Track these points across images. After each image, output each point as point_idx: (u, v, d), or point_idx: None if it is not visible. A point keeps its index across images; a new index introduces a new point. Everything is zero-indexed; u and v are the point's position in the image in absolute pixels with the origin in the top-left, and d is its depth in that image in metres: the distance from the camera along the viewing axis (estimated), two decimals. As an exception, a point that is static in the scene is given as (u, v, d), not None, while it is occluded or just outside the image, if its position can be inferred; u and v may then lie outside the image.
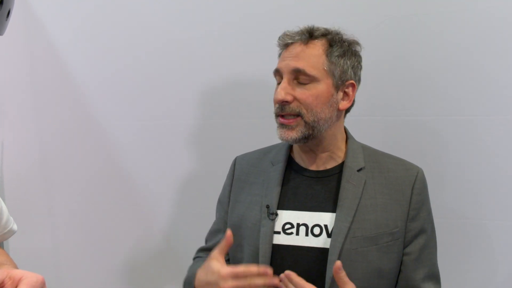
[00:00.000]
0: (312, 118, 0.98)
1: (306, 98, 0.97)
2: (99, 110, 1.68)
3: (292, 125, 0.98)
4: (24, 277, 0.55)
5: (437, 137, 1.36)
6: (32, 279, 0.55)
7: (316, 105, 0.97)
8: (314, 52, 0.99)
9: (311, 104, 0.97)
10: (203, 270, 0.95)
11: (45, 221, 1.81)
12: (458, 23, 1.30)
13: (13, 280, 0.55)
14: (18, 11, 1.65)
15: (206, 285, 0.93)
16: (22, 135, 1.78)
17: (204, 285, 0.94)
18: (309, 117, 0.98)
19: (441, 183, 1.36)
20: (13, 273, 0.55)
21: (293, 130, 0.98)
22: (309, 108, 0.97)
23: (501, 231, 1.33)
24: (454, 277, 1.35)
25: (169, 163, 1.63)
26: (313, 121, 0.98)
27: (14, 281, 0.55)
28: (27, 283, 0.55)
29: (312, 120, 0.98)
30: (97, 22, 1.62)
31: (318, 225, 1.00)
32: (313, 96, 0.97)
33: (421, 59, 1.35)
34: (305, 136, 0.99)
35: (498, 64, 1.28)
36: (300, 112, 0.98)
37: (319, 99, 0.97)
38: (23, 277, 0.55)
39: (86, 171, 1.73)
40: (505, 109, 1.29)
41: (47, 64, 1.70)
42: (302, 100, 0.97)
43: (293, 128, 0.98)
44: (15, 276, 0.55)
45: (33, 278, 0.55)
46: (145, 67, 1.60)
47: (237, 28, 1.49)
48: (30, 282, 0.55)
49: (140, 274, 1.74)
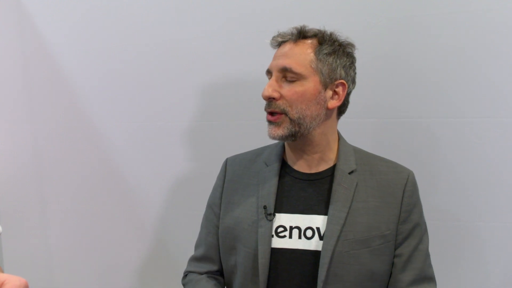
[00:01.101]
0: (297, 115, 0.98)
1: (291, 95, 0.98)
2: (93, 111, 1.67)
3: (278, 122, 0.99)
4: (7, 281, 0.54)
5: (431, 139, 1.36)
6: (15, 283, 0.54)
7: (301, 101, 0.98)
8: (303, 50, 0.99)
9: (296, 100, 0.98)
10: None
11: (38, 222, 1.81)
12: (453, 24, 1.30)
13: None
14: (11, 12, 1.65)
15: None
16: (16, 136, 1.77)
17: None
18: (294, 114, 0.98)
19: (435, 185, 1.36)
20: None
21: (279, 127, 0.99)
22: (294, 105, 0.98)
23: (494, 233, 1.33)
24: (447, 279, 1.35)
25: (164, 164, 1.63)
26: (298, 117, 0.98)
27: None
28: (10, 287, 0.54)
29: (297, 117, 0.98)
30: (92, 22, 1.62)
31: (310, 228, 0.99)
32: (298, 93, 0.98)
33: (417, 60, 1.35)
34: (292, 133, 0.99)
35: (493, 66, 1.28)
36: (285, 109, 0.98)
37: (304, 96, 0.98)
38: (6, 281, 0.54)
39: (80, 172, 1.73)
40: (499, 111, 1.29)
41: (41, 65, 1.70)
42: (288, 97, 0.98)
43: (279, 125, 0.99)
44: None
45: (16, 282, 0.54)
46: (139, 68, 1.60)
47: (231, 29, 1.48)
48: (13, 286, 0.54)
49: (134, 275, 1.73)
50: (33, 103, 1.74)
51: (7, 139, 1.79)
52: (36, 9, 1.67)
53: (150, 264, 1.71)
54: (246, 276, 1.02)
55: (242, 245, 1.04)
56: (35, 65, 1.71)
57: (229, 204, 1.10)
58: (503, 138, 1.30)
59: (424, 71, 1.34)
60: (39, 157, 1.77)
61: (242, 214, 1.06)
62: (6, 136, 1.79)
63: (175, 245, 1.66)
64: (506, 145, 1.30)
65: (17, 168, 1.79)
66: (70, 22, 1.65)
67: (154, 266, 1.71)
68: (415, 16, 1.33)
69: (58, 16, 1.65)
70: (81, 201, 1.74)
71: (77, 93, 1.68)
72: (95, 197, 1.72)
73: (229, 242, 1.07)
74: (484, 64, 1.29)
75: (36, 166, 1.78)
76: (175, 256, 1.66)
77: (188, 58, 1.54)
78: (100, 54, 1.63)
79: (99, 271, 1.77)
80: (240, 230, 1.05)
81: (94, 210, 1.73)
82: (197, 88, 1.55)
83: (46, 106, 1.73)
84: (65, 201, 1.76)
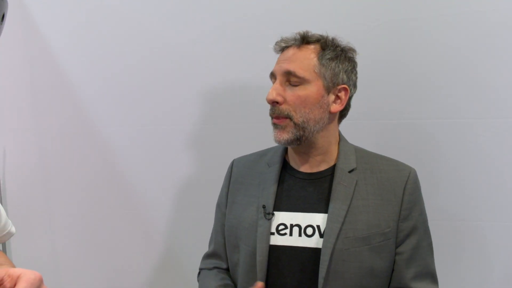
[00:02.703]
0: (301, 119, 1.00)
1: (295, 100, 1.00)
2: (97, 115, 1.69)
3: (282, 124, 1.01)
4: (22, 274, 0.56)
5: (432, 140, 1.37)
6: (30, 276, 0.56)
7: (305, 106, 1.00)
8: (306, 55, 1.01)
9: (300, 105, 1.00)
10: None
11: (45, 225, 1.82)
12: (452, 26, 1.31)
13: (11, 278, 0.56)
14: (15, 16, 1.67)
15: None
16: (22, 140, 1.79)
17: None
18: (298, 118, 1.00)
19: (436, 185, 1.37)
20: (11, 271, 0.56)
21: (284, 131, 1.01)
22: (298, 110, 1.00)
23: (496, 232, 1.34)
24: (449, 278, 1.35)
25: (168, 167, 1.64)
26: (302, 121, 1.00)
27: (13, 279, 0.56)
28: (25, 280, 0.56)
29: (302, 121, 1.00)
30: (95, 27, 1.64)
31: (310, 226, 1.01)
32: (301, 97, 1.00)
33: (416, 62, 1.36)
34: (297, 137, 1.01)
35: (492, 67, 1.29)
36: (289, 114, 1.00)
37: (308, 100, 1.00)
38: (22, 275, 0.56)
39: (85, 175, 1.74)
40: (499, 112, 1.30)
41: (45, 70, 1.72)
42: (291, 102, 1.00)
43: (284, 128, 1.01)
44: (14, 274, 0.56)
45: (31, 276, 0.57)
46: (144, 71, 1.61)
47: (234, 32, 1.50)
48: (29, 279, 0.56)
49: (140, 278, 1.74)
50: (38, 109, 1.76)
51: (13, 145, 1.81)
52: (39, 15, 1.69)
53: (156, 267, 1.72)
54: (247, 273, 1.05)
55: (243, 243, 1.06)
56: (39, 70, 1.73)
57: (233, 204, 1.13)
58: (503, 139, 1.30)
59: (424, 73, 1.35)
60: (45, 161, 1.79)
61: (244, 213, 1.08)
62: (13, 142, 1.81)
63: (181, 247, 1.67)
64: (506, 145, 1.31)
65: (24, 172, 1.81)
66: (74, 27, 1.66)
67: (160, 268, 1.72)
68: (414, 18, 1.34)
69: (62, 21, 1.67)
70: (87, 205, 1.76)
71: (81, 98, 1.70)
72: (101, 200, 1.74)
73: (233, 240, 1.10)
74: (483, 66, 1.30)
75: (42, 170, 1.79)
76: (181, 258, 1.67)
77: (192, 61, 1.55)
78: (104, 58, 1.64)
79: (105, 274, 1.78)
80: (242, 229, 1.07)
81: (99, 214, 1.75)
82: (202, 91, 1.57)
83: (51, 112, 1.75)
84: (71, 205, 1.78)
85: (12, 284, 0.56)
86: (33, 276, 0.57)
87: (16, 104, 1.78)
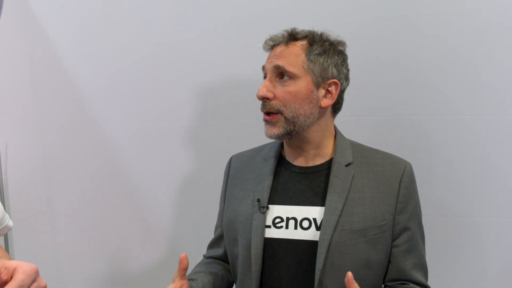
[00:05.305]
0: (291, 114, 1.01)
1: (284, 95, 1.02)
2: (98, 112, 1.70)
3: (273, 121, 1.03)
4: (19, 266, 0.57)
5: (428, 136, 1.38)
6: (27, 268, 0.57)
7: (294, 101, 1.01)
8: (294, 51, 1.03)
9: (290, 100, 1.01)
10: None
11: (47, 222, 1.83)
12: (449, 24, 1.32)
13: (8, 270, 0.57)
14: (18, 16, 1.68)
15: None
16: (24, 136, 1.81)
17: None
18: (288, 113, 1.02)
19: (433, 181, 1.38)
20: (7, 263, 0.57)
21: (275, 126, 1.03)
22: (288, 105, 1.01)
23: (492, 228, 1.34)
24: (445, 274, 1.36)
25: (169, 163, 1.66)
26: (292, 116, 1.02)
27: (9, 271, 0.57)
28: (22, 272, 0.57)
29: (292, 116, 1.01)
30: (96, 25, 1.65)
31: (307, 219, 1.02)
32: (291, 93, 1.01)
33: (412, 59, 1.36)
34: (287, 131, 1.03)
35: (487, 65, 1.30)
36: (280, 109, 1.02)
37: (297, 95, 1.01)
38: (18, 267, 0.57)
39: (87, 172, 1.75)
40: (495, 109, 1.31)
41: (47, 67, 1.73)
42: (281, 97, 1.02)
43: (274, 124, 1.03)
44: (10, 266, 0.57)
45: (28, 267, 0.58)
46: (144, 69, 1.63)
47: (232, 30, 1.51)
48: (25, 271, 0.57)
49: (141, 275, 1.75)
50: (39, 105, 1.78)
51: (15, 141, 1.82)
52: (42, 13, 1.71)
53: (157, 263, 1.73)
54: (244, 266, 1.07)
55: (240, 236, 1.08)
56: (41, 66, 1.75)
57: (231, 198, 1.15)
58: (498, 135, 1.31)
59: (420, 70, 1.36)
60: (46, 157, 1.80)
61: (240, 207, 1.10)
62: (15, 138, 1.82)
63: (181, 244, 1.69)
64: (501, 141, 1.31)
65: (26, 168, 1.83)
66: (76, 25, 1.68)
67: (161, 265, 1.73)
68: (410, 15, 1.35)
69: (64, 18, 1.69)
70: (88, 202, 1.77)
71: (82, 95, 1.71)
72: (102, 197, 1.75)
73: (231, 234, 1.12)
74: (479, 62, 1.31)
75: (43, 166, 1.81)
76: (181, 254, 1.68)
77: (192, 59, 1.57)
78: (105, 56, 1.66)
79: (106, 270, 1.79)
80: (238, 223, 1.09)
81: (100, 211, 1.76)
82: (201, 88, 1.58)
83: (52, 108, 1.76)
84: (73, 201, 1.79)
85: (8, 276, 0.56)
86: (30, 268, 0.58)
87: (18, 100, 1.80)
